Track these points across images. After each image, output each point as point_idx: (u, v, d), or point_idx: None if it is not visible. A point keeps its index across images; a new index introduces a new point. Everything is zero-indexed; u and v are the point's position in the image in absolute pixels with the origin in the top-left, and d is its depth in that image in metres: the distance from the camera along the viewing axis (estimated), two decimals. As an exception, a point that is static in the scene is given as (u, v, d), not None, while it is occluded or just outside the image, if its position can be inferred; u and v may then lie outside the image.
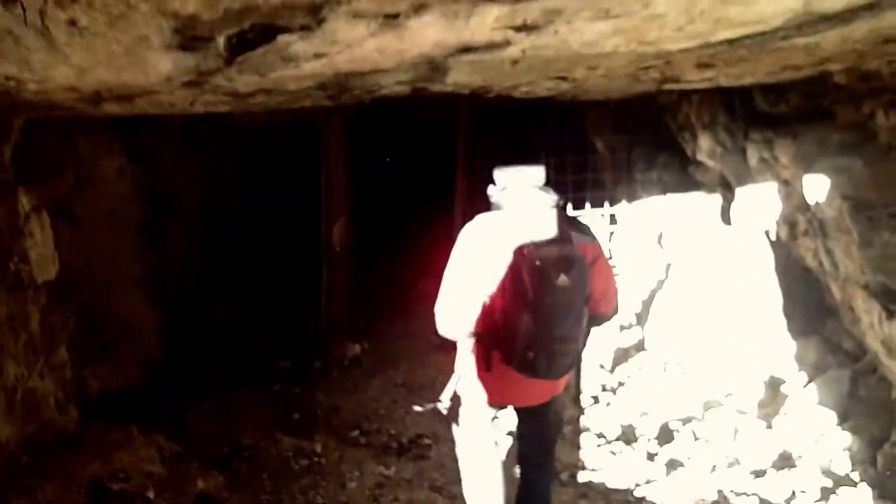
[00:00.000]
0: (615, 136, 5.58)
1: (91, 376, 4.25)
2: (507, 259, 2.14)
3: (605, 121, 5.56)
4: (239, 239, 5.80)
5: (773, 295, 3.94)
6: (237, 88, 2.74)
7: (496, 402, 2.42)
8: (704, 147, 4.32)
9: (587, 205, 5.28)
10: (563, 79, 3.06)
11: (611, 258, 5.40)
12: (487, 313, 2.22)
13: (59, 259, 3.78)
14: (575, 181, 5.32)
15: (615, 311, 2.47)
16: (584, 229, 2.32)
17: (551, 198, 2.32)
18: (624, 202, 5.27)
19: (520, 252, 2.13)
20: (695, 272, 4.33)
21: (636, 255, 5.21)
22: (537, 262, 2.10)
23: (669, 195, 4.84)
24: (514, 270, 2.12)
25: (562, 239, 2.19)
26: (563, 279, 2.09)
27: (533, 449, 2.61)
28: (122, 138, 4.35)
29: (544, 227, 2.20)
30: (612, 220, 5.39)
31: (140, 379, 4.48)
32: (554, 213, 2.26)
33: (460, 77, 2.84)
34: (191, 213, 5.43)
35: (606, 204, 5.31)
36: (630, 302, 5.17)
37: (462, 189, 5.19)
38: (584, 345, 2.32)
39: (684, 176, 4.77)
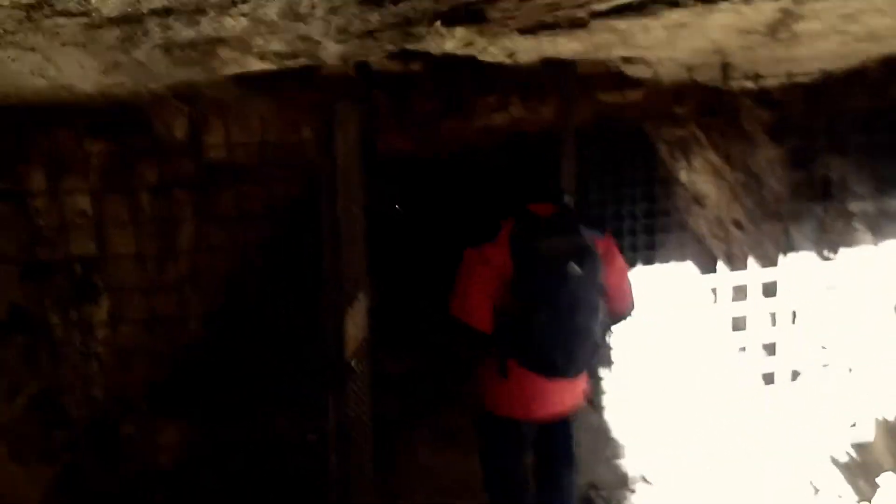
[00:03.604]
0: (770, 148, 3.62)
1: None
2: (516, 253, 2.18)
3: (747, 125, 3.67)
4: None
5: None
6: None
7: (518, 415, 2.41)
8: None
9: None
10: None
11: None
12: (500, 312, 2.21)
13: None
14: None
15: (631, 309, 2.47)
16: (593, 224, 2.36)
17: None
18: (822, 249, 3.23)
19: (529, 244, 2.19)
20: None
21: (854, 334, 3.15)
22: (547, 253, 2.15)
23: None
24: (525, 263, 2.16)
25: (571, 231, 2.26)
26: (573, 268, 2.14)
27: (551, 469, 2.56)
28: None
29: (552, 221, 2.27)
30: (741, 293, 3.41)
31: None
32: (562, 208, 2.42)
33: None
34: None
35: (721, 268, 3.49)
36: (857, 418, 3.11)
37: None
38: (603, 342, 2.37)
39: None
